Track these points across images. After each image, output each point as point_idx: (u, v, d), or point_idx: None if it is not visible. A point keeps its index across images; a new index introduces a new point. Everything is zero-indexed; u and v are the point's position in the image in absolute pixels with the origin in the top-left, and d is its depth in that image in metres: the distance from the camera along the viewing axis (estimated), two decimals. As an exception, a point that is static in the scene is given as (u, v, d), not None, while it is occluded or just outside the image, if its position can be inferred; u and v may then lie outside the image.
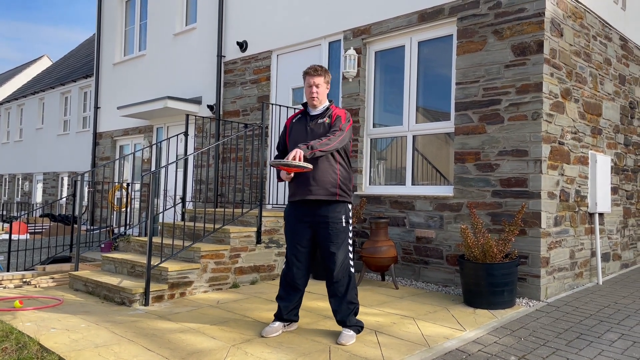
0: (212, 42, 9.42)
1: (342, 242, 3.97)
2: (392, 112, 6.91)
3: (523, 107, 5.45)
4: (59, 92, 17.05)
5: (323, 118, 4.07)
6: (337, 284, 3.96)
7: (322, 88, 4.11)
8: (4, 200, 20.64)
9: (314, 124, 4.07)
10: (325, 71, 4.14)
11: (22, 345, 3.72)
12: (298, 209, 4.06)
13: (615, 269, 7.03)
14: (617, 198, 7.08)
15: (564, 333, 4.22)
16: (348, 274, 3.98)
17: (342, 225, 3.98)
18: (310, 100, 4.12)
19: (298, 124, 4.17)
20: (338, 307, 4.00)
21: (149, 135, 11.21)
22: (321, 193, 3.94)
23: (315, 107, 4.14)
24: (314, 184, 3.93)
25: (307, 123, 4.11)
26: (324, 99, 4.16)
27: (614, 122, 6.97)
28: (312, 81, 4.08)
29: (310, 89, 4.09)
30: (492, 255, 4.94)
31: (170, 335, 4.01)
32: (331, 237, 3.95)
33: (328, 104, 4.17)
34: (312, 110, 4.15)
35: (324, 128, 4.03)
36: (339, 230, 3.96)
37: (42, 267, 6.95)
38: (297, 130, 4.14)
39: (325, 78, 4.13)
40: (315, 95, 4.08)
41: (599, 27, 6.57)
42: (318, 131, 4.02)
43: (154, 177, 5.36)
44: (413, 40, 6.65)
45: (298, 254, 4.05)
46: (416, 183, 6.60)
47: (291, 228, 4.10)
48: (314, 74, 4.08)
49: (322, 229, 3.97)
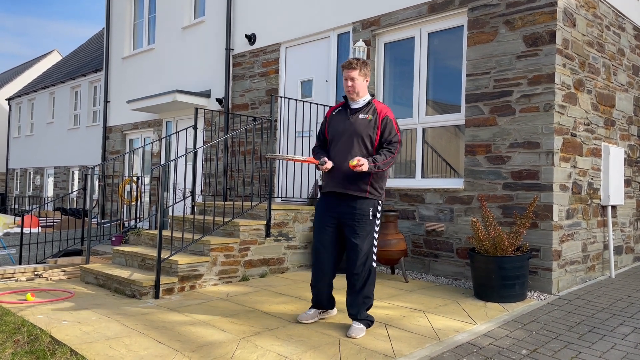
0: (221, 35, 9.40)
1: (366, 235, 3.99)
2: (401, 105, 6.86)
3: (535, 98, 5.38)
4: (69, 86, 17.14)
5: (365, 113, 4.08)
6: (356, 276, 3.98)
7: (360, 81, 4.10)
8: (15, 194, 20.84)
9: (355, 117, 4.09)
10: (362, 64, 4.11)
11: (33, 338, 3.75)
12: (328, 200, 4.14)
13: (628, 262, 6.95)
14: (630, 190, 6.99)
15: (576, 326, 4.18)
16: (369, 267, 3.99)
17: (369, 218, 4.01)
18: (348, 93, 4.14)
19: (339, 116, 4.20)
20: (353, 300, 4.01)
21: (159, 129, 11.24)
22: (351, 188, 4.00)
23: (354, 100, 4.16)
24: (345, 179, 4.01)
25: (347, 116, 4.13)
26: (363, 92, 4.15)
27: (627, 114, 6.87)
28: (348, 74, 4.09)
29: (346, 82, 4.11)
30: (503, 248, 4.89)
31: (181, 328, 4.03)
32: (356, 229, 3.98)
33: (370, 98, 4.17)
34: (352, 103, 4.17)
35: (365, 124, 4.04)
36: (364, 222, 3.99)
37: (54, 260, 7.01)
38: (337, 122, 4.17)
39: (362, 71, 4.10)
40: (351, 89, 4.10)
41: (613, 16, 6.46)
42: (359, 127, 4.04)
43: (164, 170, 5.38)
44: (423, 32, 6.58)
45: (324, 241, 4.11)
46: (426, 176, 6.55)
47: (319, 217, 4.18)
48: (349, 67, 4.09)
49: (348, 220, 4.01)
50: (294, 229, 6.53)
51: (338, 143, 4.08)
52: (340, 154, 4.03)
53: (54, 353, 3.50)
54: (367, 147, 4.01)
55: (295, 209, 6.59)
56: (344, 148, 4.03)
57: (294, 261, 6.52)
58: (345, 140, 4.04)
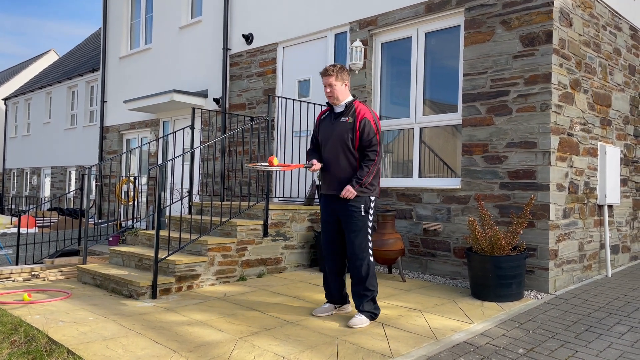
0: (218, 35, 9.39)
1: (359, 229, 4.17)
2: (398, 104, 6.87)
3: (531, 98, 5.40)
4: (65, 86, 17.10)
5: (346, 116, 4.24)
6: (353, 270, 4.21)
7: (338, 86, 4.26)
8: (12, 194, 20.79)
9: (337, 121, 4.28)
10: (338, 70, 4.26)
11: (30, 338, 3.74)
12: (327, 199, 4.37)
13: (625, 262, 6.97)
14: (626, 190, 7.01)
15: (573, 326, 4.20)
16: (367, 262, 4.18)
17: (361, 214, 4.19)
18: (329, 99, 4.34)
19: (326, 120, 4.41)
20: (354, 292, 4.25)
21: (156, 129, 11.22)
22: (342, 190, 4.18)
23: (335, 105, 4.34)
24: (336, 182, 4.23)
25: (332, 120, 4.34)
26: (344, 96, 4.31)
27: (623, 113, 6.89)
28: (325, 82, 4.28)
29: (325, 89, 4.31)
30: (500, 247, 4.90)
31: (178, 328, 4.03)
32: (350, 224, 4.19)
33: (351, 100, 4.33)
34: (335, 108, 4.36)
35: (345, 127, 4.21)
36: (357, 218, 4.18)
37: (51, 260, 6.99)
38: (325, 126, 4.40)
39: (339, 76, 4.25)
40: (331, 95, 4.29)
41: (609, 16, 6.48)
42: (341, 130, 4.22)
43: (161, 170, 5.37)
44: (420, 32, 6.59)
45: (328, 237, 4.38)
46: (423, 176, 6.56)
47: (322, 215, 4.45)
48: (325, 75, 4.28)
49: (342, 216, 4.25)
50: (291, 229, 6.53)
51: (327, 147, 4.31)
52: (330, 158, 4.28)
53: (51, 354, 3.49)
54: (350, 149, 4.20)
55: (292, 209, 6.59)
56: (332, 151, 4.26)
57: (292, 261, 6.52)
58: (331, 144, 4.25)
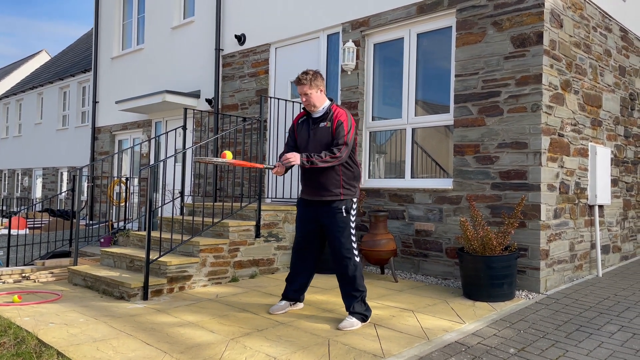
0: (210, 36, 9.37)
1: (342, 230, 4.16)
2: (391, 105, 6.88)
3: (522, 99, 5.42)
4: (57, 87, 17.00)
5: (324, 121, 4.23)
6: (340, 270, 4.18)
7: (313, 94, 4.23)
8: (3, 195, 20.63)
9: (316, 127, 4.26)
10: (311, 77, 4.20)
11: (20, 340, 3.71)
12: (307, 203, 4.36)
13: (615, 261, 7.02)
14: (617, 190, 7.06)
15: (564, 325, 4.22)
16: (353, 262, 4.15)
17: (343, 215, 4.17)
18: (306, 107, 4.31)
19: (303, 125, 4.38)
20: (343, 293, 4.24)
21: (148, 130, 11.17)
22: (326, 194, 4.19)
23: (313, 111, 4.30)
24: (319, 187, 4.20)
25: (310, 126, 4.30)
26: (320, 102, 4.29)
27: (614, 114, 6.94)
28: (300, 90, 4.25)
29: (301, 97, 4.27)
30: (491, 247, 4.92)
31: (169, 329, 4.01)
32: (333, 226, 4.17)
33: (328, 104, 4.30)
34: (313, 113, 4.33)
35: (325, 132, 4.20)
36: (339, 219, 4.16)
37: (42, 262, 6.95)
38: (303, 132, 4.37)
39: (312, 84, 4.21)
40: (307, 103, 4.26)
41: (599, 18, 6.52)
42: (321, 135, 4.21)
43: (153, 171, 5.34)
44: (412, 32, 6.61)
45: (302, 236, 4.38)
46: (415, 176, 6.58)
47: (299, 214, 4.43)
48: (299, 84, 4.24)
49: (324, 218, 4.22)
50: (284, 230, 6.53)
51: (307, 152, 4.25)
52: None
53: (41, 356, 3.47)
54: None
55: (285, 210, 6.58)
56: None
57: (284, 262, 6.51)
58: (312, 149, 4.22)
